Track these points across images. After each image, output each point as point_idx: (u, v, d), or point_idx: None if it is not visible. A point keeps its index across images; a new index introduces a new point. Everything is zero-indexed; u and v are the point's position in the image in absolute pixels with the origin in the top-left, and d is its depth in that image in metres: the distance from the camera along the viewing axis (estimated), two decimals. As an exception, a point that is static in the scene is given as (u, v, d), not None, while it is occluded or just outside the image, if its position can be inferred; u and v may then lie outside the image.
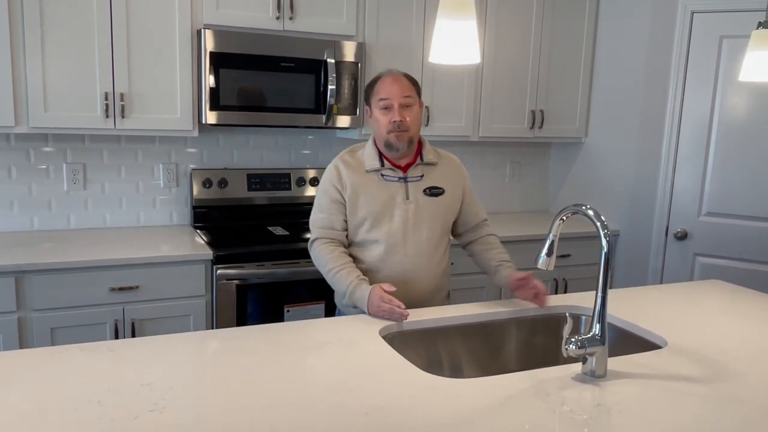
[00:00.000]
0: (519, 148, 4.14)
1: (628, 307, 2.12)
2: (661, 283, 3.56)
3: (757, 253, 3.28)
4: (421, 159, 2.14)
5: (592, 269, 3.65)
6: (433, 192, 2.13)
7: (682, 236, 3.46)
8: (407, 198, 2.10)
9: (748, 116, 3.24)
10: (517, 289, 2.09)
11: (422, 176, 2.13)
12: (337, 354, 1.64)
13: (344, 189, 2.10)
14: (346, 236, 2.14)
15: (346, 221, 2.12)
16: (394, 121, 2.03)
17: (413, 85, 2.10)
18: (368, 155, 2.13)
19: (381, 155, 2.12)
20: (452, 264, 2.35)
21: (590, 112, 3.91)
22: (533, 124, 3.74)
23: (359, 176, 2.10)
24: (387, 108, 2.05)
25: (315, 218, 2.15)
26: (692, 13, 3.33)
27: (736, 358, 1.70)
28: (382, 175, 2.11)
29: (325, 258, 2.08)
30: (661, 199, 3.53)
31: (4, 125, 2.64)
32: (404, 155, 2.12)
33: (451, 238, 2.28)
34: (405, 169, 2.13)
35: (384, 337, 1.78)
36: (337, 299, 2.26)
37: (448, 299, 2.28)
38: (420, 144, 2.17)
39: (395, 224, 2.09)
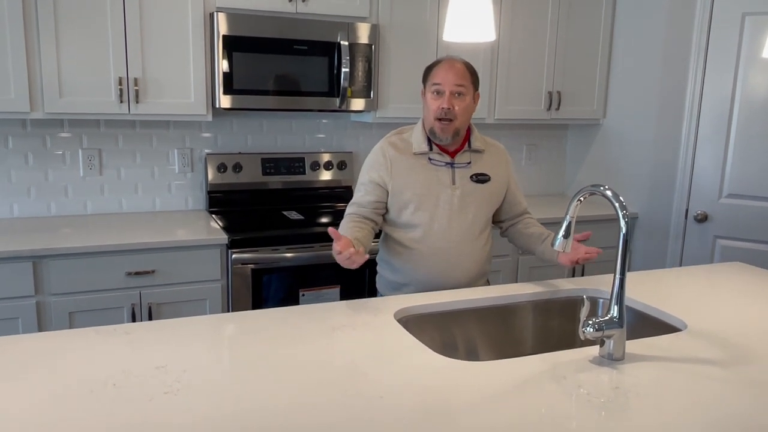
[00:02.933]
0: (535, 130, 4.09)
1: (647, 289, 2.09)
2: (680, 266, 3.51)
3: (779, 236, 3.23)
4: (469, 146, 2.14)
5: (609, 252, 3.59)
6: (480, 179, 2.13)
7: (702, 218, 3.40)
8: (453, 183, 2.10)
9: (772, 95, 3.17)
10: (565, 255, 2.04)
11: (470, 163, 2.13)
12: (351, 337, 1.63)
13: (389, 172, 2.09)
14: (384, 216, 2.16)
15: (379, 202, 2.12)
16: (442, 108, 2.02)
17: (470, 74, 2.06)
18: (416, 138, 2.12)
19: (430, 139, 2.11)
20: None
21: (608, 93, 3.85)
22: (550, 105, 3.69)
23: (406, 158, 2.10)
24: (438, 93, 2.04)
25: (354, 195, 2.18)
26: (714, -11, 3.25)
27: (756, 342, 1.67)
28: (430, 159, 2.10)
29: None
30: (680, 181, 3.47)
31: (20, 111, 2.65)
32: (453, 142, 2.11)
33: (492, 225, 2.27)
34: (453, 154, 2.12)
35: (399, 321, 1.77)
36: (378, 284, 2.28)
37: (487, 284, 2.27)
38: (468, 131, 2.15)
39: (440, 209, 2.09)
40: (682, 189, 3.46)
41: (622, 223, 1.53)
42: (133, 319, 2.65)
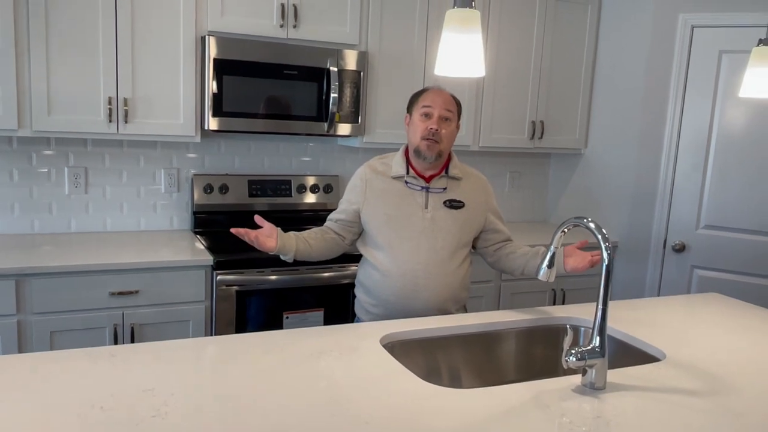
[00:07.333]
0: (519, 159, 4.16)
1: (626, 319, 2.13)
2: (658, 295, 3.57)
3: (755, 267, 3.30)
4: (446, 172, 2.19)
5: (590, 280, 3.66)
6: (453, 205, 2.17)
7: (680, 249, 3.48)
8: (426, 207, 2.15)
9: (747, 130, 3.27)
10: (570, 256, 2.07)
11: (445, 189, 2.18)
12: (337, 362, 1.64)
13: (363, 193, 2.18)
14: (361, 238, 2.26)
15: (349, 221, 2.22)
16: (430, 129, 2.09)
17: (456, 104, 2.17)
18: (396, 162, 2.21)
19: (408, 164, 2.19)
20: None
21: (590, 124, 3.94)
22: (533, 134, 3.76)
23: (383, 181, 2.18)
24: (427, 115, 2.12)
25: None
26: (692, 27, 3.36)
27: (733, 372, 1.71)
28: (406, 182, 2.17)
29: None
30: (659, 211, 3.55)
31: (7, 128, 2.65)
32: (431, 167, 2.17)
33: (472, 250, 2.29)
34: (429, 179, 2.18)
35: (384, 346, 1.79)
36: (356, 307, 2.31)
37: (464, 311, 2.28)
38: (449, 158, 2.21)
39: (409, 230, 2.13)
40: (661, 219, 3.54)
41: (605, 254, 1.57)
42: (115, 340, 2.63)
